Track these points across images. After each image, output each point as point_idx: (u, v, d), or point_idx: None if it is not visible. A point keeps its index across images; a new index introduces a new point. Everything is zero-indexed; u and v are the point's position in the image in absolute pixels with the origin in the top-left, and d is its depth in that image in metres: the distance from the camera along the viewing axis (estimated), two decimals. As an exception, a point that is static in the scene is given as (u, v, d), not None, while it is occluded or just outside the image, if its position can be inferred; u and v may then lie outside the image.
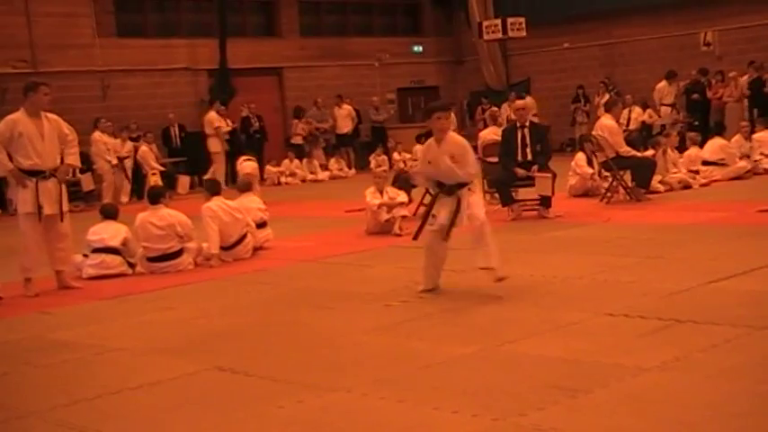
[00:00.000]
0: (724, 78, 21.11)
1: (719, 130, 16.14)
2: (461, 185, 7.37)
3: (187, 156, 21.94)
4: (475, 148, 18.71)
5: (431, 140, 7.50)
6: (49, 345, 6.78)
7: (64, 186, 9.21)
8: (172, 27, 23.73)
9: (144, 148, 20.05)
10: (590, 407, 4.48)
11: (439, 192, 7.48)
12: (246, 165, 16.44)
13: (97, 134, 19.01)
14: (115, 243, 9.88)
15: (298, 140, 23.49)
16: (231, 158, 21.93)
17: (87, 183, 18.94)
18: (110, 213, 10.35)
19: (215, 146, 21.07)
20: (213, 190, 10.35)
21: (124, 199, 18.83)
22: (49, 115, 9.07)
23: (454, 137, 7.58)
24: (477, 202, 7.44)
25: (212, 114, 21.13)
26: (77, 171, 16.32)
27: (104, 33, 22.15)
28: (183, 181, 20.86)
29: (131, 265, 9.93)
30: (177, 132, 22.24)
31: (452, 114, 11.39)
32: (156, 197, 10.08)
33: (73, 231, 9.39)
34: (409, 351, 5.82)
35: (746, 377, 4.72)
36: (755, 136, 16.12)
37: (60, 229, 9.09)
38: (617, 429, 4.18)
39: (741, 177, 14.66)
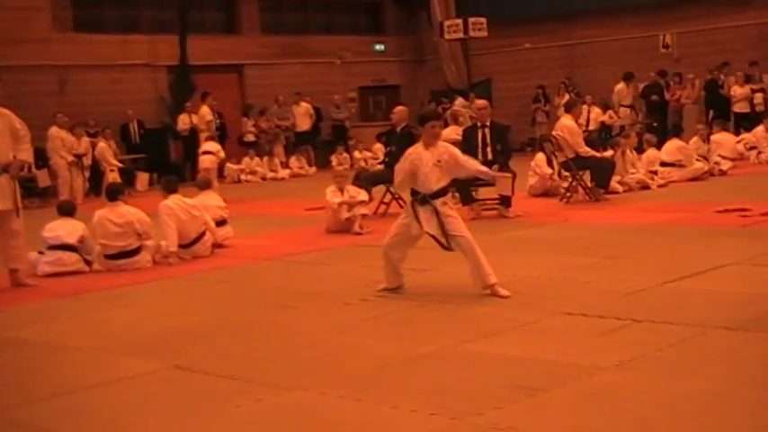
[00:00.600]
0: (682, 80, 21.34)
1: (677, 132, 16.31)
2: (436, 196, 7.30)
3: (146, 152, 21.76)
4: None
5: (418, 146, 7.48)
6: (2, 343, 6.69)
7: (17, 182, 9.07)
8: (131, 23, 23.51)
9: (102, 144, 19.83)
10: (548, 406, 4.50)
11: (414, 200, 7.40)
12: (205, 158, 16.36)
13: (54, 129, 18.73)
14: (72, 240, 9.76)
15: (249, 138, 23.39)
16: (192, 157, 21.92)
17: (43, 179, 18.69)
18: (66, 210, 10.23)
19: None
20: (170, 188, 10.25)
21: (78, 197, 18.60)
22: (1, 110, 8.93)
23: (443, 143, 7.62)
24: (459, 222, 7.39)
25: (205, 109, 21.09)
26: (32, 167, 16.08)
27: (62, 28, 21.89)
28: (142, 178, 20.68)
29: (88, 263, 9.81)
30: (136, 129, 22.06)
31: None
32: (114, 194, 9.98)
33: (28, 228, 9.26)
34: (368, 350, 5.81)
35: (702, 376, 4.76)
36: (713, 138, 16.30)
37: (13, 225, 8.94)
38: (574, 428, 4.20)
39: (698, 178, 14.81)
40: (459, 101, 23.23)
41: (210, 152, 16.32)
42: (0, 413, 4.99)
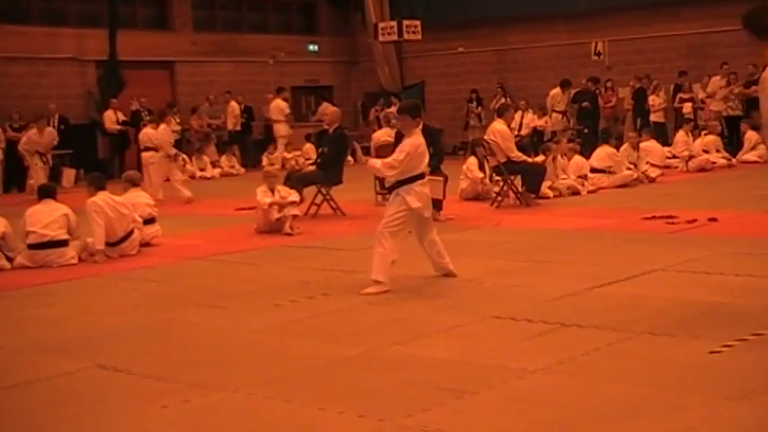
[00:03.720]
0: (614, 87, 21.68)
1: (606, 139, 16.54)
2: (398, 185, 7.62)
3: (73, 148, 21.34)
4: (368, 149, 18.77)
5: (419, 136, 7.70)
6: None
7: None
8: (59, 15, 23.03)
9: (25, 139, 19.39)
10: (475, 408, 4.51)
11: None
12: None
13: None
14: (-6, 237, 9.53)
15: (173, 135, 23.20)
16: (120, 153, 21.60)
17: None
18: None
19: (283, 130, 22.39)
20: (98, 184, 10.05)
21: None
22: None
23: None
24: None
25: (279, 101, 22.46)
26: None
27: (-14, 18, 21.37)
28: (69, 174, 20.28)
29: (10, 260, 9.57)
30: (56, 124, 21.58)
31: None
32: (46, 194, 9.87)
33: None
34: (296, 351, 5.77)
35: (627, 380, 4.81)
36: (642, 145, 16.56)
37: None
38: (501, 430, 4.22)
39: (627, 185, 15.03)
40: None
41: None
42: None
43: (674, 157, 17.61)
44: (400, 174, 7.52)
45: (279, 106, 22.47)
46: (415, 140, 7.61)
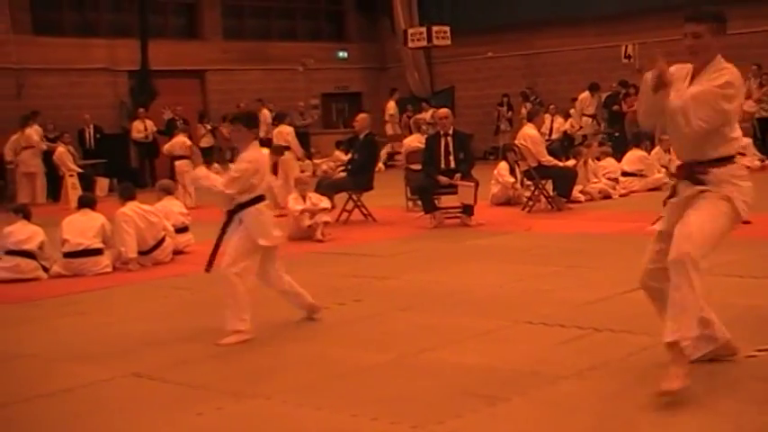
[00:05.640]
0: (637, 92, 21.50)
1: (637, 142, 16.43)
2: None
3: (105, 158, 21.54)
4: (397, 155, 18.71)
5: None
6: (-43, 350, 6.57)
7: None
8: (91, 26, 23.28)
9: (61, 149, 19.61)
10: (508, 414, 4.50)
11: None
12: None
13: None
14: (31, 246, 9.62)
15: (204, 143, 23.35)
16: (151, 162, 21.77)
17: None
18: (25, 213, 10.08)
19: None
20: (127, 195, 10.15)
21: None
22: None
23: None
24: None
25: (392, 104, 24.10)
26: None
27: (20, 30, 21.60)
28: (102, 183, 20.46)
29: (46, 270, 9.67)
30: (92, 134, 21.80)
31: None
32: (86, 203, 10.01)
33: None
34: (329, 358, 5.78)
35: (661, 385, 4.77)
36: (674, 148, 16.42)
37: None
38: (535, 437, 4.20)
39: (660, 188, 14.92)
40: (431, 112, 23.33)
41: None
42: (-48, 422, 4.90)
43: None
44: (239, 194, 6.46)
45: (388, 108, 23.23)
46: (253, 154, 6.53)
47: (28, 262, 9.57)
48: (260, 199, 6.52)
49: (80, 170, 19.70)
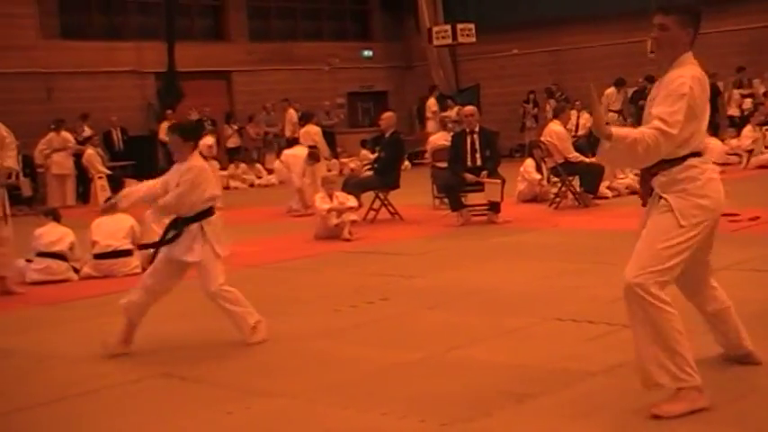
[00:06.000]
0: None
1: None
2: None
3: (133, 159, 21.70)
4: (424, 153, 18.72)
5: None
6: (-11, 352, 6.65)
7: (5, 190, 9.04)
8: (118, 29, 23.47)
9: (90, 151, 19.77)
10: (537, 412, 4.49)
11: None
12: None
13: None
14: (62, 248, 9.72)
15: (232, 144, 23.48)
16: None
17: (26, 188, 18.64)
18: (55, 216, 10.18)
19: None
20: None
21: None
22: None
23: None
24: None
25: (432, 101, 23.97)
26: (19, 174, 16.00)
27: (48, 35, 21.83)
28: (130, 185, 20.58)
29: (76, 271, 9.76)
30: (120, 136, 21.97)
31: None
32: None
33: (15, 235, 9.20)
34: (356, 356, 5.79)
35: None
36: (702, 143, 16.32)
37: (2, 233, 8.90)
38: (564, 434, 4.19)
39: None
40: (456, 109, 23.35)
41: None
42: (-14, 422, 4.96)
43: (735, 154, 17.35)
44: (181, 211, 6.24)
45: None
46: (194, 165, 6.27)
47: (59, 263, 9.66)
48: (211, 211, 6.33)
49: (109, 172, 19.86)
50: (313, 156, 14.67)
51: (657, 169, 4.34)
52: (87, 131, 20.63)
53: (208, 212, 6.30)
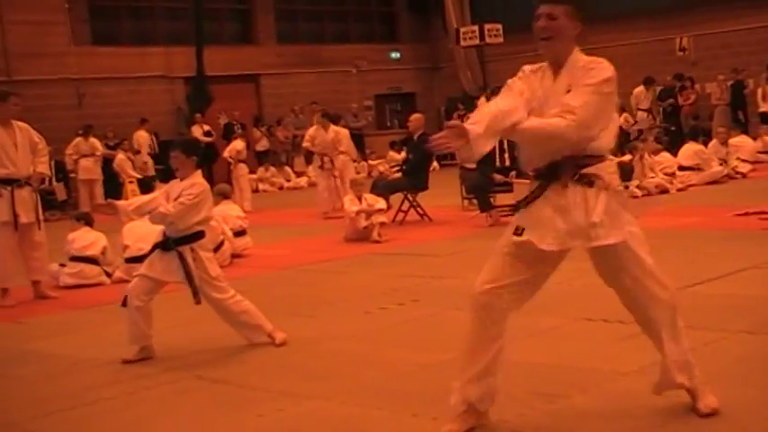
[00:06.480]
0: (693, 85, 21.27)
1: (694, 136, 16.24)
2: None
3: (163, 164, 21.84)
4: (452, 154, 18.81)
5: None
6: (24, 355, 6.73)
7: (38, 195, 9.16)
8: (147, 35, 23.66)
9: (121, 156, 19.97)
10: (569, 412, 4.48)
11: None
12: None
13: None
14: (94, 252, 9.82)
15: (260, 148, 23.57)
16: (208, 166, 22.02)
17: (60, 192, 18.87)
18: (88, 220, 10.27)
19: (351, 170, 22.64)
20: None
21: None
22: (20, 124, 9.04)
23: None
24: None
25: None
26: (52, 180, 16.24)
27: (79, 41, 22.05)
28: (160, 188, 20.76)
29: (109, 275, 9.86)
30: (154, 140, 22.15)
31: None
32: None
33: (49, 240, 9.32)
34: (388, 358, 5.81)
35: (725, 381, 4.72)
36: (732, 141, 16.23)
37: (35, 237, 9.02)
38: (596, 434, 4.18)
39: (717, 182, 14.74)
40: None
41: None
42: (21, 425, 5.02)
43: (766, 152, 17.22)
44: (177, 227, 6.22)
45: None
46: (197, 182, 6.25)
47: (91, 268, 9.76)
48: (201, 234, 6.30)
49: (139, 176, 20.04)
50: None
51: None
52: (110, 137, 20.80)
53: (199, 235, 6.26)
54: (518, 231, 4.18)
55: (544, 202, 4.15)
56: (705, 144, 15.95)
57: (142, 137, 21.09)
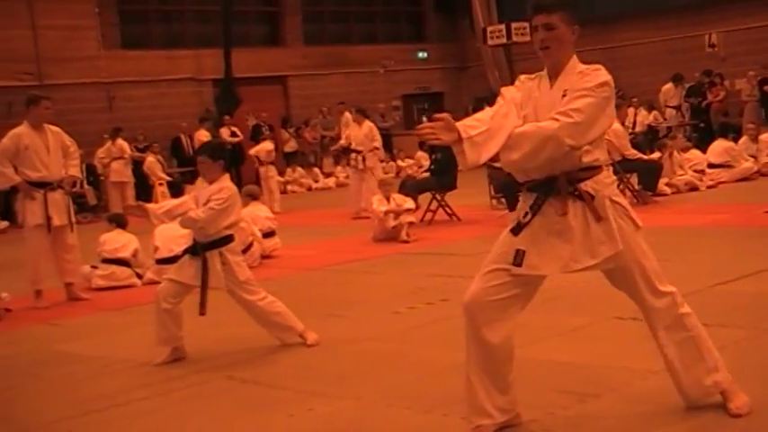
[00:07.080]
0: (722, 81, 21.11)
1: (723, 132, 16.12)
2: None
3: (192, 166, 21.95)
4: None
5: None
6: (57, 357, 6.80)
7: (70, 198, 9.27)
8: (176, 38, 23.82)
9: (151, 158, 20.09)
10: (599, 411, 4.48)
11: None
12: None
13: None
14: (126, 254, 9.91)
15: (289, 149, 23.64)
16: (237, 168, 22.12)
17: (91, 196, 19.04)
18: (120, 222, 10.35)
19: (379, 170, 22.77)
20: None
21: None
22: (51, 127, 9.14)
23: None
24: None
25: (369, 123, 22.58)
26: (83, 183, 16.40)
27: (109, 45, 22.25)
28: (190, 191, 20.85)
29: (140, 277, 9.95)
30: (189, 142, 22.22)
31: None
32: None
33: (81, 242, 9.41)
34: (417, 358, 5.82)
35: (755, 379, 4.70)
36: (762, 137, 16.10)
37: (68, 240, 9.12)
38: (626, 433, 4.18)
39: (748, 179, 14.63)
40: None
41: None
42: (55, 426, 5.08)
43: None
44: (207, 232, 6.27)
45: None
46: (226, 186, 6.27)
47: (123, 269, 9.85)
48: (231, 239, 6.34)
49: (169, 178, 20.16)
50: None
51: None
52: (140, 140, 20.93)
53: (228, 239, 6.30)
54: (517, 260, 4.12)
55: (542, 222, 4.08)
56: (735, 141, 15.82)
57: (204, 135, 20.83)
